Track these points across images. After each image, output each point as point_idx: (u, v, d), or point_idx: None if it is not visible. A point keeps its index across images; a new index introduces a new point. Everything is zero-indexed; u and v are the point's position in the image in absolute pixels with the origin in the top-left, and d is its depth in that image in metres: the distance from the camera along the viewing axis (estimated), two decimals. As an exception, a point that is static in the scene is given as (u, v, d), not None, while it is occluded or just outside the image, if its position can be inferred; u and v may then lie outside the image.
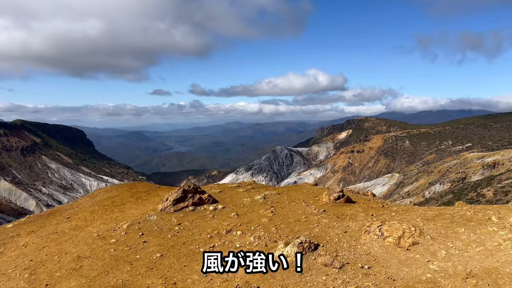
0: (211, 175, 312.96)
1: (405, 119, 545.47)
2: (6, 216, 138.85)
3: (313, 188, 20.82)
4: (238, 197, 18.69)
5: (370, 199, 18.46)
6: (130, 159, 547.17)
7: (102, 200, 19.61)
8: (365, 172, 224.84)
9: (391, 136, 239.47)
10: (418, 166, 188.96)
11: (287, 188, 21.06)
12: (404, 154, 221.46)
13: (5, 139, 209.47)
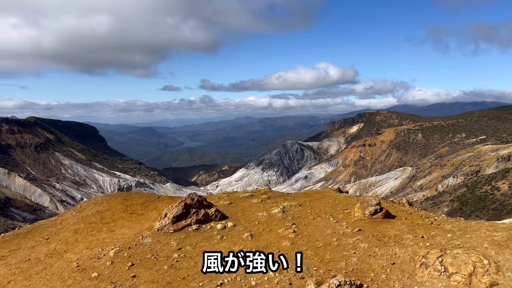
0: (222, 170, 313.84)
1: (417, 112, 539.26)
2: (21, 212, 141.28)
3: (339, 197, 17.99)
4: (251, 210, 16.01)
5: (411, 211, 15.65)
6: (142, 155, 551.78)
7: (90, 216, 16.65)
8: (377, 166, 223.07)
9: (403, 129, 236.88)
10: (431, 159, 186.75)
11: (308, 198, 18.18)
12: (417, 148, 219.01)
13: (19, 136, 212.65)
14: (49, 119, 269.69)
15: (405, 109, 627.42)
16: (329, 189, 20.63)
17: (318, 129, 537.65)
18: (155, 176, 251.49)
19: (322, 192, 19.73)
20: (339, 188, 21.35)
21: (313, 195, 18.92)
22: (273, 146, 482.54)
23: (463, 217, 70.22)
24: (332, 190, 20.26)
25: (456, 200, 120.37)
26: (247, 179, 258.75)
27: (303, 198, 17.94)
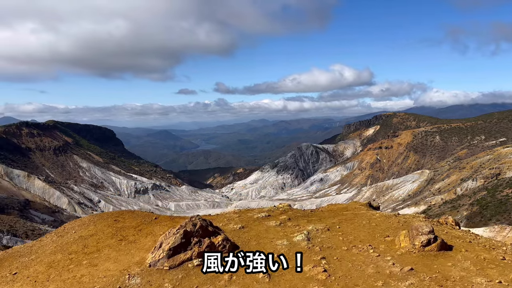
0: (236, 173, 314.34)
1: (435, 113, 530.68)
2: (40, 214, 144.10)
3: (374, 217, 15.02)
4: (268, 237, 13.06)
5: (468, 237, 12.99)
6: (158, 158, 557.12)
7: (71, 243, 13.94)
8: (393, 168, 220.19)
9: (421, 132, 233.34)
10: (449, 162, 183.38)
11: (337, 218, 15.36)
12: (435, 150, 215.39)
13: (38, 139, 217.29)
14: (67, 123, 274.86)
15: (422, 111, 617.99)
16: (358, 203, 18.02)
17: (333, 132, 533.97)
18: (171, 179, 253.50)
19: (351, 209, 17.00)
20: (369, 203, 18.37)
21: (341, 214, 16.17)
22: (288, 148, 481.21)
23: (483, 221, 68.69)
24: (362, 205, 17.72)
25: (476, 203, 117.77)
26: (262, 181, 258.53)
27: (331, 219, 15.09)
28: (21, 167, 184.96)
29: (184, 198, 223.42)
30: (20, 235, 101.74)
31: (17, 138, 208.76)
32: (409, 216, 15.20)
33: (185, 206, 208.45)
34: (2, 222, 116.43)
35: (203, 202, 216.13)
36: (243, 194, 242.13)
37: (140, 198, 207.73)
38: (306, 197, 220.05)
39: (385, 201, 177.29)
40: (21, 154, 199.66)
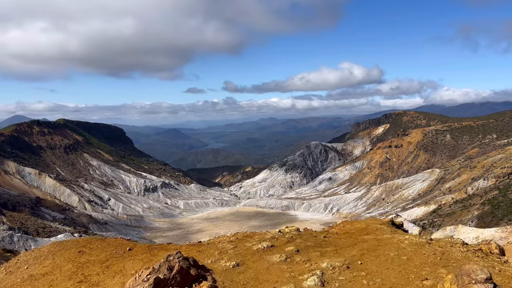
0: (245, 171, 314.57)
1: (445, 112, 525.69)
2: (51, 211, 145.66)
3: (401, 243, 12.30)
4: (270, 279, 10.19)
5: None
6: (167, 156, 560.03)
7: (17, 285, 11.31)
8: (403, 167, 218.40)
9: (431, 130, 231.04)
10: (460, 161, 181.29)
11: (357, 247, 12.35)
12: (445, 149, 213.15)
13: (49, 137, 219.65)
14: (78, 121, 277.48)
15: (433, 109, 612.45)
16: (378, 221, 15.49)
17: (342, 130, 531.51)
18: (180, 177, 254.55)
19: (371, 231, 14.17)
20: (391, 221, 16.01)
21: (361, 239, 13.26)
22: (297, 147, 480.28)
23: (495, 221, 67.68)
24: (383, 223, 15.18)
25: (487, 203, 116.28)
26: (270, 180, 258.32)
27: (349, 250, 12.06)
28: (32, 165, 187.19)
29: (193, 196, 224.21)
30: (31, 232, 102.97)
31: (28, 136, 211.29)
32: (445, 243, 12.51)
33: (194, 204, 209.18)
34: (13, 220, 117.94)
35: (212, 201, 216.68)
36: (252, 193, 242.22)
37: (149, 196, 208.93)
38: (315, 196, 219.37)
39: (395, 200, 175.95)
40: (32, 152, 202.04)
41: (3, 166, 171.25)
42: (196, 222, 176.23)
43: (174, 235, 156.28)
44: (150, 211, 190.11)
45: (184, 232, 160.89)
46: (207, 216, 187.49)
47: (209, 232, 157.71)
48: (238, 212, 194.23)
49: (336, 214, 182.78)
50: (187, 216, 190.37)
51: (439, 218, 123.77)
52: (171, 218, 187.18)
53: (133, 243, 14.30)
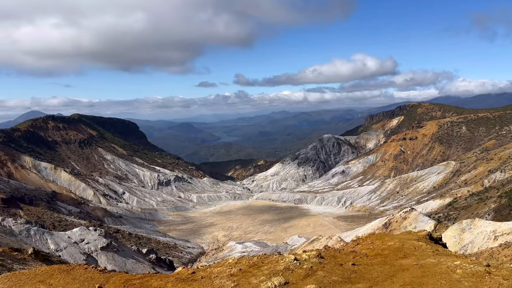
0: (257, 165, 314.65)
1: (461, 103, 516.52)
2: (66, 205, 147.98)
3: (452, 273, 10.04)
4: None
5: None
6: (180, 150, 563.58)
7: None
8: (418, 160, 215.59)
9: (446, 122, 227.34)
10: (476, 153, 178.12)
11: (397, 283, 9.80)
12: (461, 141, 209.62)
13: (64, 132, 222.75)
14: (92, 116, 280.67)
15: (448, 100, 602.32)
16: (414, 236, 13.08)
17: (355, 123, 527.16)
18: (193, 171, 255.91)
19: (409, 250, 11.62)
20: (429, 235, 13.41)
21: (398, 264, 10.89)
22: (309, 140, 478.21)
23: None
24: (419, 238, 12.78)
25: (505, 196, 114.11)
26: (282, 174, 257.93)
27: (388, 284, 9.77)
28: (48, 159, 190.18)
29: (206, 190, 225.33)
30: (48, 226, 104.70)
31: (43, 131, 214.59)
32: (509, 273, 10.39)
33: (207, 197, 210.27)
34: (30, 213, 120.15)
35: (225, 194, 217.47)
36: (264, 186, 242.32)
37: (163, 190, 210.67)
38: (328, 189, 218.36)
39: (409, 193, 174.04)
40: (47, 147, 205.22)
41: (20, 161, 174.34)
42: (209, 216, 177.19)
43: (188, 229, 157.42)
44: (164, 205, 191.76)
45: (197, 225, 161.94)
46: (219, 210, 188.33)
47: (222, 226, 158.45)
48: (250, 206, 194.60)
49: (350, 207, 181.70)
50: (200, 210, 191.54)
51: (455, 211, 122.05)
52: (184, 211, 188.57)
53: (106, 276, 11.12)
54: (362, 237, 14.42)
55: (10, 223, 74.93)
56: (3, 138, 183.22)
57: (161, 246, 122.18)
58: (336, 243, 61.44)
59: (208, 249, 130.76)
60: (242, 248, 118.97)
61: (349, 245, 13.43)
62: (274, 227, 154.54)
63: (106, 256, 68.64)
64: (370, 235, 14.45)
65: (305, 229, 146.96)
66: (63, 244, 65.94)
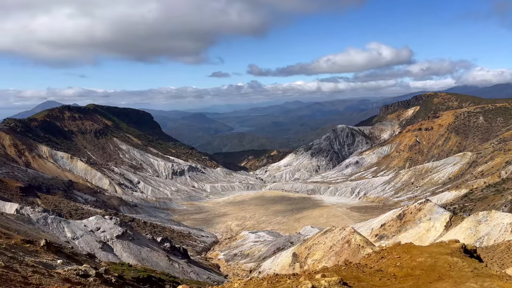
0: (270, 155, 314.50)
1: (478, 93, 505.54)
2: (83, 194, 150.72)
3: None
4: None
5: None
6: (193, 140, 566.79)
7: None
8: (433, 151, 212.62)
9: (463, 112, 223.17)
10: (494, 144, 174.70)
11: None
12: (478, 131, 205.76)
13: (80, 122, 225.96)
14: (107, 106, 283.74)
15: (465, 90, 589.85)
16: (446, 248, 11.43)
17: (369, 113, 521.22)
18: (206, 161, 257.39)
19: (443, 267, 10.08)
20: (463, 247, 11.73)
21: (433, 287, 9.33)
22: (322, 131, 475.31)
23: (533, 207, 64.03)
24: (453, 251, 11.15)
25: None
26: (296, 164, 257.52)
27: None
28: (64, 149, 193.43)
29: (219, 180, 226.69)
30: (65, 214, 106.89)
31: (60, 121, 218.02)
32: None
33: (220, 187, 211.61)
34: (48, 202, 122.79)
35: (238, 184, 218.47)
36: (277, 177, 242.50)
37: (177, 180, 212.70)
38: (341, 180, 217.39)
39: (424, 184, 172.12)
40: (64, 137, 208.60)
41: (37, 150, 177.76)
42: (222, 206, 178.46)
43: (201, 218, 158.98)
44: (178, 194, 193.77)
45: (210, 215, 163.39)
46: (233, 200, 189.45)
47: (235, 215, 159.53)
48: (263, 196, 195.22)
49: (363, 198, 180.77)
50: (213, 199, 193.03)
51: (471, 203, 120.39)
52: (198, 201, 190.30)
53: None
54: (387, 248, 12.70)
55: (28, 211, 76.61)
56: (21, 128, 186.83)
57: (175, 235, 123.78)
58: (349, 234, 61.26)
59: (221, 238, 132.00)
60: (255, 237, 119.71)
61: (372, 257, 11.83)
62: (287, 217, 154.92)
63: (122, 244, 69.85)
64: (396, 246, 12.81)
65: (318, 219, 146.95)
66: (79, 233, 67.29)
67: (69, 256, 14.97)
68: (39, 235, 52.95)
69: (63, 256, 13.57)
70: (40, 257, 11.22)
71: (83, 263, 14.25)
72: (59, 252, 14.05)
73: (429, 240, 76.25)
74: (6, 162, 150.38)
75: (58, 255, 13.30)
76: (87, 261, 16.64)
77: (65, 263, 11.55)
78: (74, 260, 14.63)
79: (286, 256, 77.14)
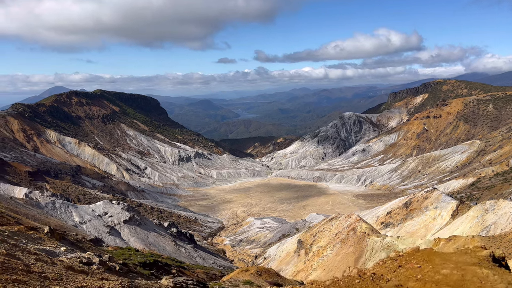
0: (276, 142, 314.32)
1: (488, 80, 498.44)
2: (91, 179, 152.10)
3: None
4: None
5: None
6: (200, 126, 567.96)
7: None
8: (441, 139, 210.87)
9: (472, 100, 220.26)
10: (503, 132, 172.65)
11: None
12: (487, 119, 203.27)
13: (87, 108, 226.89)
14: (114, 92, 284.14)
15: (474, 77, 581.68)
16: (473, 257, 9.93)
17: (377, 100, 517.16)
18: (213, 147, 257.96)
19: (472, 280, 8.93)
20: (491, 255, 10.29)
21: None
22: (329, 118, 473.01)
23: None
24: (481, 260, 9.54)
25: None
26: (302, 151, 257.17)
27: None
28: (72, 134, 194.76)
29: (225, 167, 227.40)
30: (73, 199, 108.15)
31: (67, 107, 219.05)
32: None
33: (226, 174, 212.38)
34: (56, 187, 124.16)
35: (244, 171, 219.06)
36: (283, 164, 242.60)
37: (183, 166, 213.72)
38: (347, 167, 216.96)
39: (431, 173, 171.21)
40: (71, 122, 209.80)
41: (45, 135, 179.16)
42: (228, 192, 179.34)
43: (207, 204, 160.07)
44: (185, 180, 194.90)
45: (216, 201, 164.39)
46: (239, 186, 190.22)
47: (241, 202, 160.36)
48: (269, 183, 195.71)
49: (369, 186, 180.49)
50: (219, 186, 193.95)
51: (478, 191, 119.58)
52: (204, 187, 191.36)
53: None
54: (405, 254, 11.13)
55: (37, 196, 77.57)
56: (29, 113, 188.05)
57: (182, 220, 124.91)
58: (355, 222, 61.32)
59: (227, 224, 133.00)
60: (261, 224, 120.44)
61: (388, 264, 10.54)
62: (292, 204, 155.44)
63: (129, 229, 70.62)
64: (415, 251, 11.00)
65: (323, 206, 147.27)
66: (87, 217, 68.07)
67: (73, 243, 14.99)
68: (47, 219, 53.66)
69: (67, 243, 13.58)
70: (43, 244, 11.20)
71: (87, 250, 14.29)
72: (63, 239, 14.05)
73: (435, 228, 76.15)
74: (15, 147, 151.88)
75: (62, 242, 13.29)
76: (91, 248, 16.67)
77: (68, 250, 11.53)
78: (78, 247, 14.64)
79: (292, 243, 77.59)
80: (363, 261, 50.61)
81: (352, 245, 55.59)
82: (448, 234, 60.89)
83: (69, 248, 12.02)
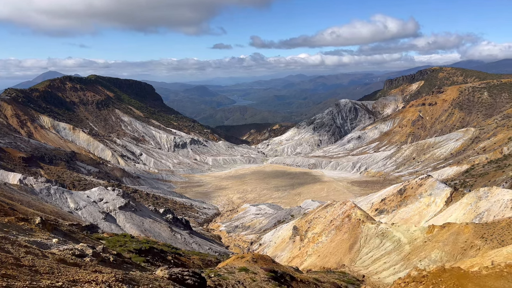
0: (272, 129, 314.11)
1: (484, 68, 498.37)
2: (86, 165, 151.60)
3: None
4: None
5: None
6: (196, 113, 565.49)
7: None
8: (436, 126, 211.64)
9: (468, 87, 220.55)
10: (497, 120, 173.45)
11: None
12: (482, 107, 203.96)
13: (81, 93, 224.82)
14: (108, 77, 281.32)
15: (470, 65, 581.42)
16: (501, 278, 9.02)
17: (373, 87, 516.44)
18: (208, 134, 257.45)
19: None
20: None
21: None
22: (325, 105, 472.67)
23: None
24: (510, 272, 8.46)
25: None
26: (297, 138, 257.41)
27: None
28: (66, 120, 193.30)
29: (221, 153, 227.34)
30: (68, 185, 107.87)
31: (61, 92, 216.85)
32: None
33: (222, 160, 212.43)
34: (50, 173, 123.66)
35: (240, 158, 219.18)
36: (279, 151, 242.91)
37: (179, 152, 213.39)
38: (343, 154, 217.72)
39: (426, 160, 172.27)
40: (66, 107, 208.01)
41: (39, 121, 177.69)
42: (224, 178, 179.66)
43: (203, 190, 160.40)
44: (180, 167, 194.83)
45: (212, 187, 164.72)
46: (234, 173, 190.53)
47: (236, 188, 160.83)
48: (265, 170, 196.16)
49: (364, 173, 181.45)
50: (215, 172, 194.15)
51: (471, 179, 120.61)
52: (200, 173, 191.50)
53: None
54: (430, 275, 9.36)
55: (31, 182, 77.20)
56: (22, 98, 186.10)
57: (177, 206, 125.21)
58: (349, 209, 61.69)
59: (223, 211, 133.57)
60: (256, 210, 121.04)
61: (408, 282, 9.16)
62: (288, 190, 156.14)
63: (124, 215, 70.68)
64: (441, 272, 9.18)
65: (319, 193, 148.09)
66: (82, 203, 67.96)
67: (66, 233, 14.77)
68: (42, 206, 53.47)
69: (59, 234, 13.36)
70: (34, 236, 10.98)
71: (80, 241, 14.11)
72: (55, 230, 13.84)
73: (429, 215, 76.87)
74: (8, 132, 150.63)
75: (54, 233, 13.06)
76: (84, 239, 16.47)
77: (61, 242, 11.33)
78: (71, 238, 14.44)
79: (287, 229, 78.13)
80: (358, 247, 51.11)
81: (347, 231, 56.04)
82: (442, 221, 61.54)
83: (61, 239, 11.82)
